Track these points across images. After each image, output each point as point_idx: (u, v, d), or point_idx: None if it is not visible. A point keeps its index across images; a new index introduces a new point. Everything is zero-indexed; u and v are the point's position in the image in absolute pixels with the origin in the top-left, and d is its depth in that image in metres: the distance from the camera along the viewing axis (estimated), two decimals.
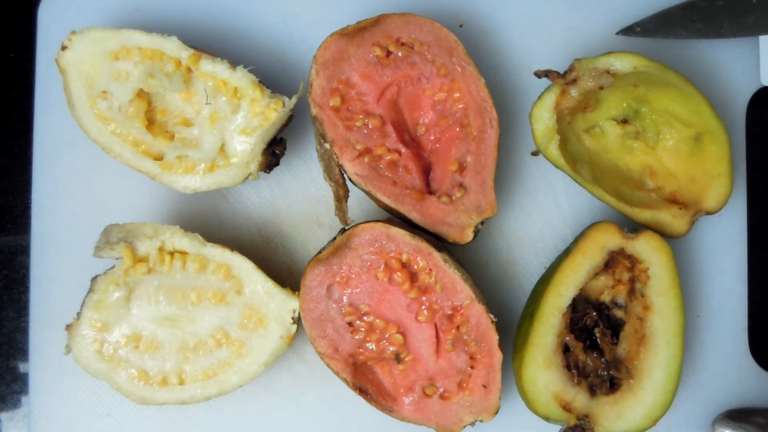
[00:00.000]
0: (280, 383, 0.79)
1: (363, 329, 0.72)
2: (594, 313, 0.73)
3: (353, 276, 0.72)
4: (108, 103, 0.75)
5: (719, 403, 0.79)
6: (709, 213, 0.75)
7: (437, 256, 0.71)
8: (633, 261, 0.73)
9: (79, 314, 0.73)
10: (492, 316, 0.71)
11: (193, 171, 0.75)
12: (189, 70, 0.75)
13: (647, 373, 0.71)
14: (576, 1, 0.82)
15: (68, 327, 0.73)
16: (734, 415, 0.78)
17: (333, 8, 0.82)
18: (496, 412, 0.72)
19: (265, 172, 0.75)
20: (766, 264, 0.84)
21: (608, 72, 0.74)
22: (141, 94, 0.75)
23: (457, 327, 0.72)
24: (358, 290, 0.72)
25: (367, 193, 0.74)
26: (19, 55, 0.86)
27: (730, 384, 0.80)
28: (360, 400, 0.77)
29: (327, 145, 0.73)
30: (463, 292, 0.71)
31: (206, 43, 0.81)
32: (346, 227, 0.73)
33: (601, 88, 0.75)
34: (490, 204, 0.73)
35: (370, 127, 0.74)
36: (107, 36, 0.74)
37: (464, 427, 0.72)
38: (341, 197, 0.73)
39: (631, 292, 0.73)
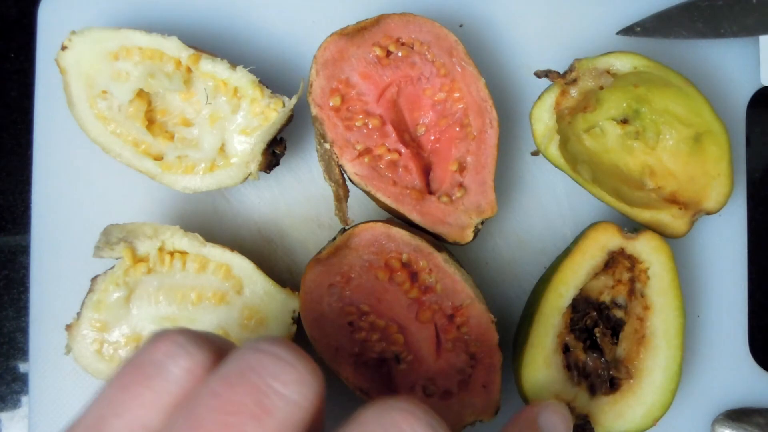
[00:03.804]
0: None
1: (363, 329, 0.72)
2: (594, 313, 0.73)
3: (353, 276, 0.72)
4: (108, 103, 0.75)
5: (719, 403, 0.79)
6: (709, 213, 0.75)
7: (437, 256, 0.71)
8: (633, 261, 0.73)
9: (79, 314, 0.73)
10: (492, 316, 0.71)
11: (193, 171, 0.75)
12: (189, 70, 0.75)
13: (647, 373, 0.71)
14: (576, 1, 0.83)
15: (68, 327, 0.73)
16: (734, 415, 0.78)
17: (333, 8, 0.82)
18: (497, 412, 0.72)
19: (265, 172, 0.75)
20: (766, 264, 0.84)
21: (608, 72, 0.74)
22: (141, 94, 0.75)
23: (458, 327, 0.72)
24: (358, 290, 0.72)
25: (367, 193, 0.74)
26: (19, 55, 0.86)
27: (730, 384, 0.80)
28: (360, 400, 0.77)
29: (327, 145, 0.73)
30: (463, 292, 0.71)
31: (206, 43, 0.81)
32: (346, 227, 0.73)
33: (601, 88, 0.75)
34: (490, 204, 0.73)
35: (370, 127, 0.74)
36: (107, 36, 0.74)
37: (464, 427, 0.72)
38: (341, 197, 0.73)
39: (631, 292, 0.73)
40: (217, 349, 0.47)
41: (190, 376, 0.45)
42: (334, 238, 0.72)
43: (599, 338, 0.73)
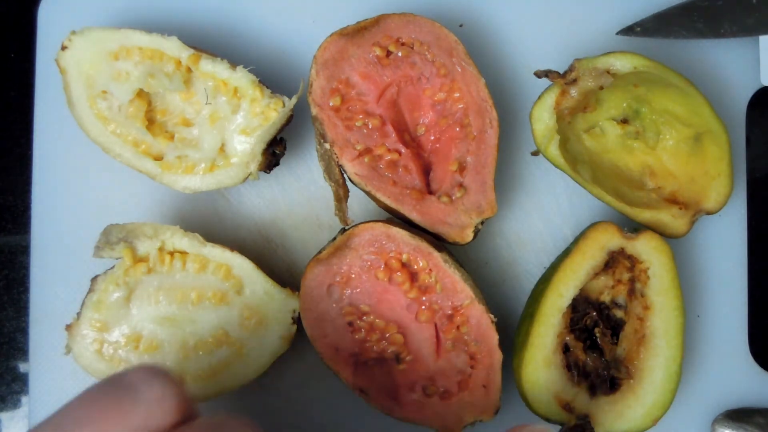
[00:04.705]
0: (280, 383, 0.79)
1: (363, 329, 0.72)
2: (594, 313, 0.73)
3: (353, 276, 0.72)
4: (108, 103, 0.75)
5: (719, 403, 0.79)
6: (709, 213, 0.75)
7: (437, 256, 0.71)
8: (633, 261, 0.73)
9: (79, 314, 0.73)
10: (492, 316, 0.71)
11: (193, 171, 0.75)
12: (189, 70, 0.75)
13: (647, 373, 0.71)
14: (576, 1, 0.83)
15: (68, 327, 0.73)
16: (734, 415, 0.78)
17: (333, 8, 0.82)
18: (496, 412, 0.72)
19: (265, 172, 0.75)
20: (766, 264, 0.84)
21: (608, 72, 0.74)
22: (141, 94, 0.75)
23: (457, 327, 0.72)
24: (358, 290, 0.72)
25: (367, 193, 0.74)
26: (19, 55, 0.86)
27: (730, 384, 0.80)
28: (360, 400, 0.77)
29: (327, 145, 0.73)
30: (463, 292, 0.71)
31: (206, 43, 0.81)
32: (346, 227, 0.73)
33: (601, 88, 0.75)
34: (490, 204, 0.73)
35: (370, 127, 0.74)
36: (107, 36, 0.74)
37: (464, 427, 0.72)
38: (341, 197, 0.73)
39: (631, 292, 0.73)
40: (186, 399, 0.49)
41: (158, 406, 0.47)
42: (334, 238, 0.72)
43: (599, 338, 0.73)
